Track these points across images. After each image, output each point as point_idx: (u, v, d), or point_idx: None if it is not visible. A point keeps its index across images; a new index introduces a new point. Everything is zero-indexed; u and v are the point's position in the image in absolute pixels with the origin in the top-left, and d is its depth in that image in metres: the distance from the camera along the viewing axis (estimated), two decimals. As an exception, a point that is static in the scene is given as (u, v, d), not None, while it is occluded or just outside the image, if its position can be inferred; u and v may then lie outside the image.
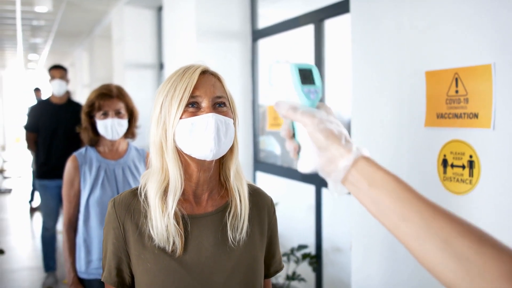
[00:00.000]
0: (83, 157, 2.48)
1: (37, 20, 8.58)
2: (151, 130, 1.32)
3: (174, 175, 1.26)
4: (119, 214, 1.30)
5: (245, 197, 1.35)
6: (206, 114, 1.24)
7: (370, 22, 2.39)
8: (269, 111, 4.31)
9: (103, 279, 1.32)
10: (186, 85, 1.25)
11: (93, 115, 2.48)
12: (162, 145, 1.28)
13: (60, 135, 4.60)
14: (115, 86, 2.53)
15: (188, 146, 1.25)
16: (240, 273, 1.31)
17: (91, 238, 2.42)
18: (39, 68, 16.97)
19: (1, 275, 5.12)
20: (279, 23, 4.05)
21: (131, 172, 2.52)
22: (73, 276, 2.43)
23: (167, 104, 1.26)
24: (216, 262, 1.30)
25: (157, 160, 1.30)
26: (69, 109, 4.71)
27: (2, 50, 12.94)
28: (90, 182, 2.43)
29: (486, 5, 1.80)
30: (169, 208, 1.25)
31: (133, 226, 1.29)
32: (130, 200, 1.33)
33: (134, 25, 6.64)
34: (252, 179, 4.60)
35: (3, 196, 10.16)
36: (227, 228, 1.32)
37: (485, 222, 1.84)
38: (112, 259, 1.31)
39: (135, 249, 1.28)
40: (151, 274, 1.26)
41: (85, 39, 10.81)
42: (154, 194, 1.27)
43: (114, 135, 2.47)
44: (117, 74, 7.37)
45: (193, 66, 1.32)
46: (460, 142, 1.91)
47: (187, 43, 4.62)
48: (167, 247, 1.26)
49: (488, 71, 1.77)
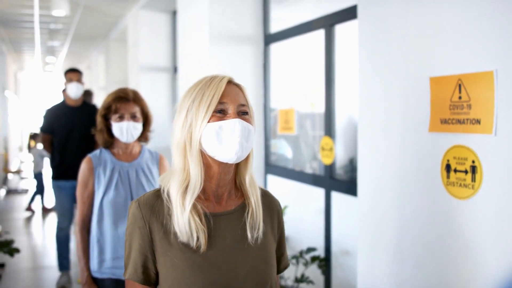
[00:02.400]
0: (98, 158, 2.52)
1: (54, 24, 8.73)
2: (174, 133, 1.40)
3: (195, 174, 1.35)
4: (145, 214, 1.37)
5: (258, 199, 1.46)
6: (233, 119, 1.34)
7: (377, 28, 2.43)
8: (281, 114, 4.35)
9: (128, 277, 1.37)
10: (214, 92, 1.34)
11: (109, 118, 2.52)
12: (185, 147, 1.37)
13: (74, 137, 4.68)
14: (131, 90, 2.58)
15: (214, 148, 1.34)
16: (258, 268, 1.42)
17: (104, 238, 2.46)
18: (56, 70, 17.20)
19: (17, 274, 5.22)
20: (291, 27, 4.10)
21: (145, 174, 2.56)
22: (87, 275, 2.49)
23: (194, 109, 1.35)
24: (238, 257, 1.39)
25: (179, 161, 1.39)
26: (84, 112, 4.80)
27: (21, 52, 13.15)
28: (104, 183, 2.47)
29: (489, 13, 1.82)
30: (186, 204, 1.34)
31: (158, 225, 1.36)
32: (154, 200, 1.40)
33: (149, 28, 6.73)
34: (263, 182, 4.64)
35: (20, 196, 10.32)
36: (246, 226, 1.42)
37: (487, 226, 1.86)
38: (138, 257, 1.36)
39: (161, 247, 1.35)
40: (179, 270, 1.33)
41: (101, 42, 10.95)
42: (176, 193, 1.36)
43: (129, 138, 2.51)
44: (132, 77, 7.46)
45: (218, 76, 1.40)
46: (463, 147, 1.93)
47: (200, 47, 4.68)
48: (192, 243, 1.34)
49: (491, 77, 1.80)
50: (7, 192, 10.68)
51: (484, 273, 1.88)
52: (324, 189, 3.60)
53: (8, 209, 8.95)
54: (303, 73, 4.48)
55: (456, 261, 2.00)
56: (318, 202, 3.71)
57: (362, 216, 2.57)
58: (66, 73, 4.90)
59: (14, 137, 14.74)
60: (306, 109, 4.38)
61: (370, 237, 2.51)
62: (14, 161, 13.93)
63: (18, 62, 15.33)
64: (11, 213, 8.53)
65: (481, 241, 1.89)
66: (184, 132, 1.36)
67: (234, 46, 4.52)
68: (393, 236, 2.34)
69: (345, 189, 3.34)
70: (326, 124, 3.55)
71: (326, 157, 3.54)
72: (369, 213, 2.52)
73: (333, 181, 3.50)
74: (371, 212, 2.50)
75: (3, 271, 5.23)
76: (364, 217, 2.56)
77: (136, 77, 6.99)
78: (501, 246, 1.81)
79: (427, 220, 2.14)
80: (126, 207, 2.44)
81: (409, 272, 2.25)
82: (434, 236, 2.10)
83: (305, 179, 3.90)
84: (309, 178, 3.84)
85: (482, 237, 1.88)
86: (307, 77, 4.36)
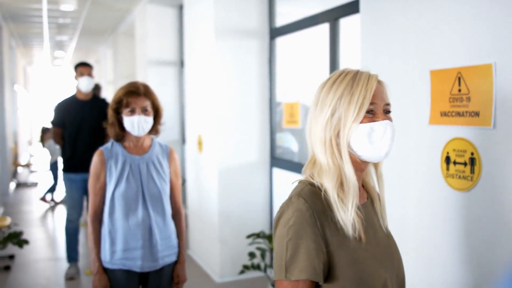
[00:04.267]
0: (109, 151, 2.55)
1: (63, 18, 8.78)
2: (316, 128, 1.37)
3: (350, 173, 1.33)
4: (314, 210, 1.31)
5: (380, 194, 1.49)
6: (384, 122, 1.33)
7: (378, 22, 2.45)
8: (286, 108, 4.38)
9: (308, 277, 1.28)
10: (365, 93, 1.31)
11: (120, 112, 2.54)
12: (331, 144, 1.35)
13: (85, 130, 4.72)
14: (142, 84, 2.59)
15: (363, 148, 1.34)
16: (399, 255, 1.46)
17: (116, 229, 2.50)
18: (65, 64, 17.30)
19: (26, 265, 5.30)
20: (296, 21, 4.12)
21: (155, 167, 2.58)
22: (98, 266, 2.51)
23: (342, 108, 1.32)
24: (390, 246, 1.44)
25: (325, 157, 1.36)
26: (94, 105, 4.84)
27: (30, 47, 13.24)
28: (116, 176, 2.50)
29: (487, 7, 1.84)
30: (350, 202, 1.32)
31: (326, 220, 1.32)
32: (315, 195, 1.35)
33: (157, 23, 6.76)
34: (269, 175, 4.68)
35: (30, 189, 10.43)
36: (379, 216, 1.46)
37: (485, 218, 1.89)
38: (314, 255, 1.29)
39: (334, 243, 1.31)
40: (359, 264, 1.32)
41: (109, 37, 11.00)
42: (332, 188, 1.33)
43: (140, 131, 2.53)
44: (139, 71, 7.51)
45: (364, 72, 1.37)
46: (462, 140, 1.96)
47: (206, 41, 4.71)
48: (356, 236, 1.32)
49: (489, 70, 1.82)
50: (16, 185, 10.80)
51: (482, 265, 1.91)
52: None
53: (18, 202, 9.06)
54: (308, 67, 4.50)
55: (454, 252, 2.03)
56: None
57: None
58: (77, 67, 4.92)
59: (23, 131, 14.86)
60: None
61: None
62: (24, 155, 14.06)
63: (27, 56, 15.43)
64: (20, 206, 8.63)
65: (479, 232, 1.91)
66: (329, 129, 1.34)
67: (240, 40, 4.55)
68: (393, 228, 2.37)
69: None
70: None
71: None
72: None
73: (337, 174, 3.52)
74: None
75: (13, 262, 5.31)
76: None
77: (144, 71, 7.03)
78: (498, 237, 1.84)
79: (427, 212, 2.17)
80: (137, 200, 2.49)
81: (410, 263, 2.28)
82: (433, 228, 2.13)
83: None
84: (314, 171, 3.86)
85: (480, 229, 1.91)
86: (312, 70, 4.38)
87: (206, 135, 4.82)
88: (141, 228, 2.49)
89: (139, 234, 2.48)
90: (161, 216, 2.55)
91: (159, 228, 2.53)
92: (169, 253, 2.58)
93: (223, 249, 4.60)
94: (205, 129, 4.86)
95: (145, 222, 2.50)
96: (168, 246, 2.57)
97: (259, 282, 4.44)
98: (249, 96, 4.61)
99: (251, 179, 4.65)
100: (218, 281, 4.59)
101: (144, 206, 2.51)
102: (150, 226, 2.51)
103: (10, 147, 9.82)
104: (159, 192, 2.54)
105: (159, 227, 2.53)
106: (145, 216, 2.50)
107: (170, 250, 2.59)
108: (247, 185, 4.64)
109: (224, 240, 4.60)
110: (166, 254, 2.57)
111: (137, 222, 2.49)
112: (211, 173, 4.70)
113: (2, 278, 4.87)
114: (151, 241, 2.51)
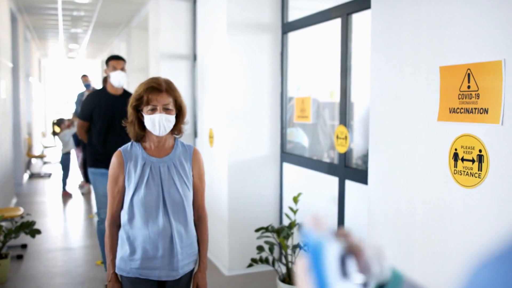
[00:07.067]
0: (128, 153, 2.40)
1: (77, 11, 8.85)
2: None
3: None
4: None
5: None
6: None
7: (389, 18, 2.45)
8: (297, 103, 4.38)
9: None
10: None
11: (141, 109, 2.36)
12: None
13: (116, 126, 4.41)
14: (164, 79, 2.40)
15: None
16: None
17: (135, 236, 2.34)
18: (79, 57, 17.42)
19: (38, 254, 5.37)
20: (309, 16, 4.11)
21: (177, 170, 2.40)
22: (112, 273, 2.38)
23: None
24: None
25: None
26: (125, 100, 4.65)
27: (44, 39, 13.36)
28: (135, 180, 2.34)
29: (497, 4, 1.84)
30: None
31: None
32: None
33: (170, 16, 6.78)
34: (279, 169, 4.69)
35: (43, 180, 10.55)
36: None
37: (492, 215, 1.89)
38: None
39: None
40: None
41: (123, 30, 11.06)
42: None
43: (162, 131, 2.35)
44: (152, 64, 7.54)
45: None
46: (470, 136, 1.95)
47: (218, 35, 4.73)
48: None
49: (499, 67, 1.81)
50: (30, 176, 10.93)
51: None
52: (338, 177, 3.64)
53: (31, 192, 9.17)
54: (320, 62, 4.50)
55: (461, 249, 2.03)
56: (332, 190, 3.75)
57: (371, 203, 2.60)
58: (109, 61, 4.68)
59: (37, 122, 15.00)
60: (325, 98, 4.40)
61: (379, 223, 2.55)
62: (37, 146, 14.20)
63: (41, 49, 15.57)
64: (33, 197, 8.74)
65: (486, 229, 1.91)
66: None
67: (252, 35, 4.55)
68: (400, 223, 2.37)
69: (359, 178, 3.36)
70: (341, 113, 3.58)
71: (340, 145, 3.57)
72: (378, 201, 2.55)
73: (348, 170, 3.53)
74: (380, 200, 2.53)
75: (25, 252, 5.39)
76: (373, 205, 2.59)
77: (157, 65, 7.06)
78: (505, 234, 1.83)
79: (434, 208, 2.17)
80: (157, 206, 2.32)
81: (418, 259, 2.28)
82: (440, 224, 2.13)
83: (320, 168, 3.94)
84: (324, 167, 3.88)
85: (487, 225, 1.91)
86: (324, 66, 4.37)
87: (217, 129, 4.84)
88: (162, 236, 2.30)
89: (160, 243, 2.31)
90: (182, 224, 2.37)
91: (180, 237, 2.35)
92: (189, 261, 2.41)
93: (232, 242, 4.63)
94: (216, 123, 4.88)
95: (166, 230, 2.31)
96: (188, 254, 2.40)
97: (267, 276, 4.47)
98: (261, 90, 4.62)
99: (261, 173, 4.67)
100: (226, 274, 4.63)
101: (165, 213, 2.32)
102: (171, 235, 2.32)
103: (24, 138, 9.93)
104: (181, 198, 2.35)
105: (180, 236, 2.35)
106: (166, 224, 2.31)
107: (191, 258, 2.42)
108: (257, 179, 4.66)
109: (233, 234, 4.63)
110: (186, 263, 2.39)
111: (158, 230, 2.30)
112: (222, 167, 4.72)
113: (14, 266, 4.94)
114: (172, 251, 2.33)
